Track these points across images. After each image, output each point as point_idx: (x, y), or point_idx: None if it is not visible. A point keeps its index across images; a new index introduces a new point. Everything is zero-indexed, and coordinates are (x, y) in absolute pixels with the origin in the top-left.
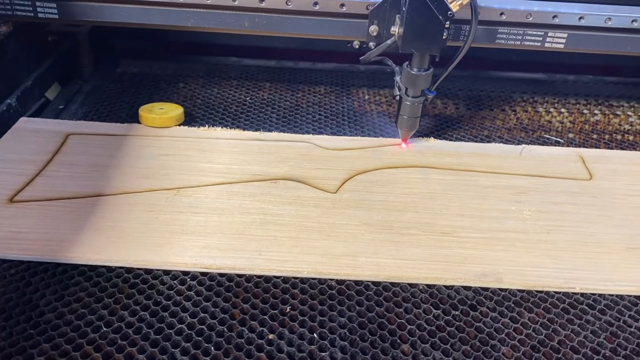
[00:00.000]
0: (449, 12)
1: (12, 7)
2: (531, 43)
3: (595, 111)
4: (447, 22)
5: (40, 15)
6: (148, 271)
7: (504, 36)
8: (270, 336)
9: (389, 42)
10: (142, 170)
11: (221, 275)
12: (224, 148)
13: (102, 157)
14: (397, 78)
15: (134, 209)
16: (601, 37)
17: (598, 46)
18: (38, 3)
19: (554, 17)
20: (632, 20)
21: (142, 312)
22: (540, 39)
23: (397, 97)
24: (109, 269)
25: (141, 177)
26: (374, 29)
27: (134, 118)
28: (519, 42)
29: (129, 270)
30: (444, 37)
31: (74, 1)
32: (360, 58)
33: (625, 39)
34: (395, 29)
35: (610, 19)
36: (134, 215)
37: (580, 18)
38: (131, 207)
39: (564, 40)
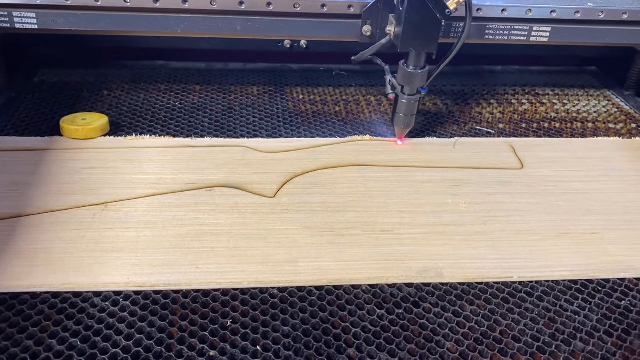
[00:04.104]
0: (447, 11)
1: None
2: (517, 38)
3: (523, 101)
4: (443, 20)
5: (17, 25)
6: (77, 294)
7: (492, 32)
8: (212, 353)
9: (383, 41)
10: (66, 186)
11: (156, 292)
12: (154, 157)
13: (21, 175)
14: (388, 77)
15: (59, 229)
16: (582, 29)
17: (579, 38)
18: (15, 13)
19: (551, 12)
20: (623, 13)
21: (72, 339)
22: (526, 33)
23: (389, 96)
24: (34, 295)
25: (65, 194)
26: (367, 28)
27: (55, 130)
28: (506, 38)
29: (55, 294)
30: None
31: (54, 10)
32: (353, 58)
33: (606, 31)
34: (391, 29)
35: (602, 12)
36: (59, 235)
37: (576, 12)
38: (55, 226)
39: (547, 34)
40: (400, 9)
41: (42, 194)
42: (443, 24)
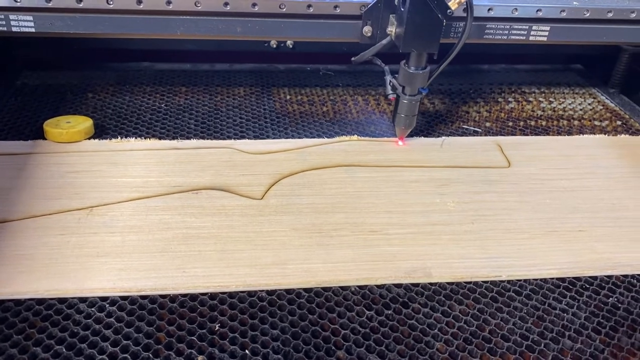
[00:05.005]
0: (448, 11)
1: None
2: (517, 37)
3: (509, 99)
4: (445, 20)
5: (14, 29)
6: (62, 300)
7: (492, 31)
8: (200, 358)
9: (384, 42)
10: (50, 190)
11: (143, 297)
12: (139, 160)
13: (4, 180)
14: (389, 77)
15: (43, 234)
16: (580, 28)
17: (578, 37)
18: (12, 16)
19: (537, 11)
20: (608, 12)
21: (58, 346)
22: (525, 32)
23: (390, 96)
24: (18, 302)
25: (49, 199)
26: (368, 29)
27: (39, 134)
28: (505, 37)
29: (40, 301)
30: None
31: (52, 13)
32: (353, 59)
33: (601, 30)
34: (392, 29)
35: (588, 10)
36: (43, 241)
37: (561, 11)
38: (40, 232)
39: (546, 33)
40: (402, 9)
41: (25, 198)
42: (444, 24)
